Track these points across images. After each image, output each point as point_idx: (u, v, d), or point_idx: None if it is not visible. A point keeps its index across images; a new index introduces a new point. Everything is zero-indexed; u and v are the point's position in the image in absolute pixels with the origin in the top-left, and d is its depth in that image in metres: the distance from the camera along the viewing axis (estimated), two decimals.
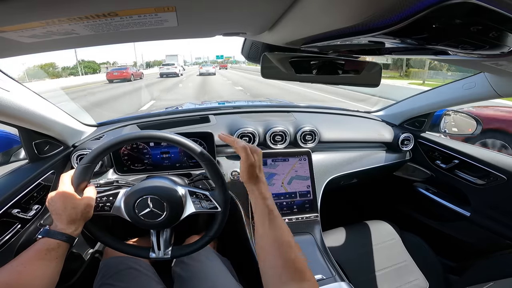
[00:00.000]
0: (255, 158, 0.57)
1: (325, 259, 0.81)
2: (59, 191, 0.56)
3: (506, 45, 0.27)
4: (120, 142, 0.60)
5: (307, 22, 0.36)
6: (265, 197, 0.55)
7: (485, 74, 0.86)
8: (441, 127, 1.21)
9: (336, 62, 0.54)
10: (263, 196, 0.55)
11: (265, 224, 0.52)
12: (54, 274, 0.51)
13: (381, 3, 0.25)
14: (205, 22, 0.38)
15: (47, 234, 0.52)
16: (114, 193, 0.65)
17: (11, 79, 0.62)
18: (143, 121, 1.08)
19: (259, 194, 0.56)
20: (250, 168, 0.56)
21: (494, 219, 1.00)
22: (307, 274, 0.46)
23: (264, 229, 0.52)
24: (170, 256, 0.67)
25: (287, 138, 1.05)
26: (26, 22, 0.28)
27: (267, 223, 0.52)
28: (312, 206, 0.97)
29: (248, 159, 0.56)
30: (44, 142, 0.79)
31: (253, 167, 0.56)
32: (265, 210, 0.54)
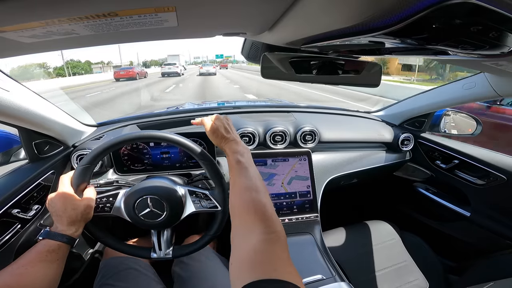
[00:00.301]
0: (216, 123, 0.63)
1: (325, 259, 0.81)
2: (59, 193, 0.56)
3: (506, 45, 0.27)
4: (119, 143, 0.60)
5: (307, 22, 0.36)
6: (235, 151, 0.58)
7: (485, 74, 0.86)
8: (441, 127, 1.21)
9: (336, 62, 0.54)
10: (233, 151, 0.58)
11: (234, 176, 0.53)
12: (55, 275, 0.51)
13: (381, 3, 0.25)
14: (205, 22, 0.38)
15: (48, 235, 0.53)
16: (114, 194, 0.65)
17: (11, 79, 0.62)
18: (143, 121, 1.08)
19: (229, 150, 0.59)
20: (215, 131, 0.62)
21: (494, 219, 1.00)
22: (270, 220, 0.41)
23: (234, 179, 0.53)
24: (171, 256, 0.67)
25: (287, 138, 1.05)
26: (26, 22, 0.28)
27: (236, 174, 0.53)
28: (312, 206, 0.96)
29: (210, 124, 0.63)
30: (44, 142, 0.79)
31: (217, 129, 0.62)
32: (233, 163, 0.55)
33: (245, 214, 0.44)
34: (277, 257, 0.36)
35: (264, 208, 0.44)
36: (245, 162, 0.55)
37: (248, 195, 0.47)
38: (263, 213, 0.42)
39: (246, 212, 0.44)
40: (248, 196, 0.47)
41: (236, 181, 0.52)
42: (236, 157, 0.56)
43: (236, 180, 0.52)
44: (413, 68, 18.77)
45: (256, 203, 0.45)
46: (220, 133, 0.62)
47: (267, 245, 0.37)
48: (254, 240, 0.38)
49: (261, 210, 0.43)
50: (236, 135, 0.64)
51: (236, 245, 0.40)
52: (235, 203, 0.48)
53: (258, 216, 0.42)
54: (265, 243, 0.38)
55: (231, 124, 0.67)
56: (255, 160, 0.95)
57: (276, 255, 0.36)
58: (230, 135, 0.62)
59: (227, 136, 0.62)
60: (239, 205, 0.47)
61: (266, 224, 0.40)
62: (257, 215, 0.42)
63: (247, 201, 0.46)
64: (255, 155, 0.96)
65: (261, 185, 0.50)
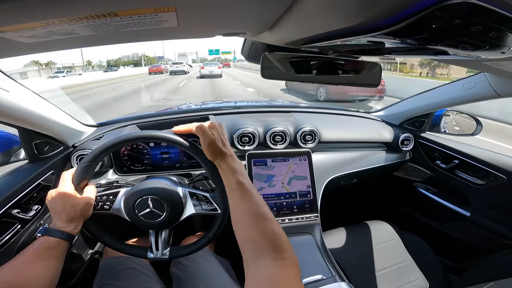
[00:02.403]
0: (213, 133, 0.56)
1: (325, 259, 0.81)
2: (59, 189, 0.56)
3: (506, 45, 0.27)
4: (122, 142, 0.60)
5: (307, 22, 0.36)
6: (234, 170, 0.53)
7: (485, 74, 0.86)
8: (441, 127, 1.21)
9: (336, 62, 0.54)
10: (232, 170, 0.53)
11: (236, 198, 0.50)
12: (55, 272, 0.51)
13: (381, 3, 0.25)
14: (205, 22, 0.38)
15: (47, 232, 0.52)
16: (114, 193, 0.65)
17: (11, 79, 0.62)
18: (143, 121, 1.08)
19: (226, 168, 0.54)
20: (212, 145, 0.55)
21: (494, 219, 1.00)
22: (284, 246, 0.43)
23: (236, 203, 0.50)
24: (168, 257, 0.67)
25: (287, 138, 1.05)
26: (26, 22, 0.28)
27: (237, 196, 0.50)
28: (312, 206, 0.96)
29: (207, 136, 0.55)
30: (44, 142, 0.79)
31: (214, 143, 0.55)
32: (233, 184, 0.52)
33: (258, 243, 0.43)
34: (295, 280, 0.38)
35: (277, 237, 0.44)
36: (247, 184, 0.52)
37: (259, 225, 0.46)
38: (276, 241, 0.43)
39: (259, 242, 0.43)
40: (259, 225, 0.46)
41: (239, 206, 0.50)
42: (236, 177, 0.52)
43: (240, 206, 0.49)
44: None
45: (269, 232, 0.44)
46: (217, 147, 0.55)
47: (284, 270, 0.39)
48: (269, 266, 0.40)
49: (274, 239, 0.43)
50: (230, 148, 0.58)
51: (251, 274, 0.41)
52: (244, 233, 0.47)
53: (272, 246, 0.42)
54: (282, 268, 0.39)
55: (225, 134, 0.61)
56: (255, 161, 0.97)
57: (294, 278, 0.38)
58: (227, 149, 0.57)
59: (224, 151, 0.56)
60: (249, 235, 0.45)
61: (280, 251, 0.41)
62: (271, 244, 0.42)
63: (259, 231, 0.45)
64: (255, 155, 0.96)
65: (268, 211, 0.49)
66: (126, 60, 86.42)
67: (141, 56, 51.46)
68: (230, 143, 1.01)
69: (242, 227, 0.48)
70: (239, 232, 0.48)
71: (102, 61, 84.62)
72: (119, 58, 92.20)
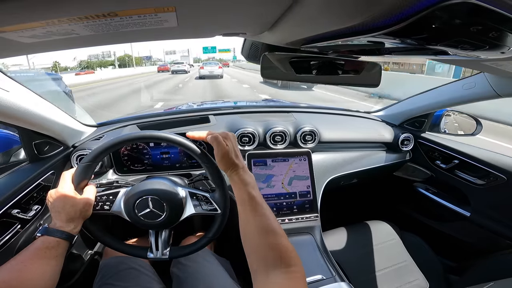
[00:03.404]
0: (227, 144, 0.56)
1: (325, 259, 0.81)
2: (59, 189, 0.56)
3: (506, 45, 0.27)
4: (122, 142, 0.60)
5: (307, 22, 0.36)
6: (246, 183, 0.53)
7: (485, 74, 0.86)
8: (441, 127, 1.21)
9: (336, 62, 0.54)
10: (244, 182, 0.53)
11: (247, 211, 0.50)
12: (55, 272, 0.51)
13: (381, 3, 0.25)
14: (205, 22, 0.38)
15: (46, 232, 0.52)
16: (114, 193, 0.65)
17: (11, 79, 0.62)
18: (143, 121, 1.08)
19: (239, 180, 0.54)
20: (225, 156, 0.55)
21: (494, 219, 1.00)
22: (293, 260, 0.44)
23: (247, 216, 0.50)
24: (168, 257, 0.67)
25: (287, 138, 1.05)
26: (26, 22, 0.28)
27: (248, 209, 0.50)
28: (312, 206, 0.96)
29: (221, 147, 0.55)
30: (44, 143, 0.79)
31: (227, 154, 0.55)
32: (245, 197, 0.51)
33: (268, 258, 0.44)
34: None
35: (287, 251, 0.44)
36: (257, 197, 0.52)
37: (269, 239, 0.46)
38: (286, 256, 0.44)
39: (269, 256, 0.44)
40: (269, 240, 0.46)
41: (250, 219, 0.49)
42: (248, 190, 0.52)
43: (251, 219, 0.49)
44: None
45: (279, 247, 0.45)
46: (231, 159, 0.55)
47: (293, 282, 0.41)
48: (279, 279, 0.41)
49: (284, 253, 0.44)
50: (242, 160, 0.58)
51: (260, 286, 0.42)
52: (254, 246, 0.47)
53: (281, 260, 0.43)
54: (291, 281, 0.41)
55: (237, 146, 0.61)
56: (255, 161, 0.96)
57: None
58: (239, 161, 0.56)
59: (236, 163, 0.56)
60: (259, 249, 0.46)
61: (289, 265, 0.43)
62: (281, 258, 0.43)
63: (269, 246, 0.45)
64: (255, 155, 0.96)
65: (278, 225, 0.49)
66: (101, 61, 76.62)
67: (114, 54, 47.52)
68: None
69: (252, 240, 0.48)
70: (248, 244, 0.48)
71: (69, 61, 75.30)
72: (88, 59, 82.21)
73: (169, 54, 71.24)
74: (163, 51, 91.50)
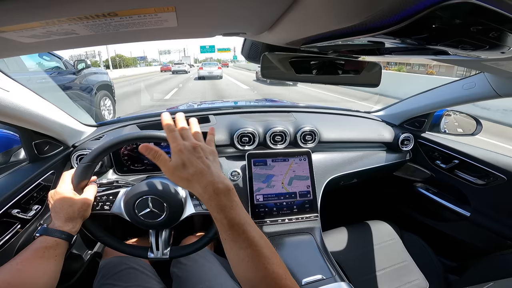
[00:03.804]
0: (175, 160, 0.44)
1: (325, 259, 0.81)
2: (58, 189, 0.57)
3: (506, 45, 0.27)
4: (122, 142, 0.60)
5: (307, 22, 0.36)
6: (221, 208, 0.41)
7: (485, 74, 0.86)
8: (441, 127, 1.21)
9: (336, 62, 0.54)
10: (218, 208, 0.42)
11: (229, 242, 0.42)
12: (54, 272, 0.51)
13: (381, 3, 0.25)
14: (205, 22, 0.38)
15: (45, 232, 0.53)
16: (114, 193, 0.65)
17: (11, 79, 0.62)
18: (143, 121, 1.08)
19: (209, 207, 0.43)
20: (174, 172, 0.44)
21: (494, 219, 1.00)
22: (288, 286, 0.39)
23: (231, 247, 0.41)
24: (168, 257, 0.67)
25: (287, 138, 1.05)
26: (26, 22, 0.28)
27: (232, 240, 0.41)
28: (312, 206, 0.97)
29: (165, 164, 0.45)
30: (44, 142, 0.79)
31: (176, 169, 0.44)
32: (224, 222, 0.41)
33: (258, 283, 0.40)
34: None
35: (281, 279, 0.40)
36: (243, 223, 0.41)
37: (259, 269, 0.39)
38: (280, 284, 0.39)
39: (260, 283, 0.39)
40: (259, 270, 0.40)
41: (235, 251, 0.41)
42: (226, 215, 0.41)
43: (235, 250, 0.41)
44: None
45: (271, 276, 0.39)
46: (182, 174, 0.43)
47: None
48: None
49: (277, 283, 0.39)
50: (214, 169, 0.45)
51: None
52: (244, 277, 0.41)
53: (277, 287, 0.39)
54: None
55: (204, 147, 0.47)
56: (255, 161, 0.96)
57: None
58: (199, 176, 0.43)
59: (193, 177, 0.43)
60: (250, 280, 0.40)
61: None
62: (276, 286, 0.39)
63: (261, 277, 0.39)
64: (255, 155, 0.96)
65: (269, 250, 0.42)
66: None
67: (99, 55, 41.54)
68: (230, 143, 1.02)
69: (241, 271, 0.41)
70: (238, 275, 0.42)
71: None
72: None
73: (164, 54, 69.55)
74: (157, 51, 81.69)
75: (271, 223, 0.92)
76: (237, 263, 0.42)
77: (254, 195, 0.93)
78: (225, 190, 0.43)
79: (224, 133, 1.03)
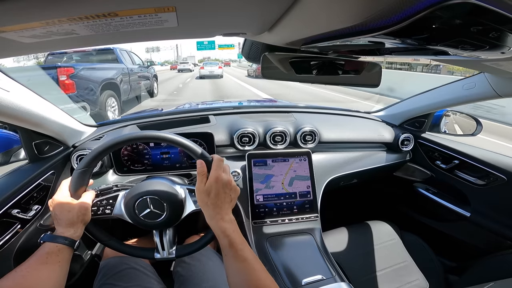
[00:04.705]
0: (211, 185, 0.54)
1: (325, 259, 0.81)
2: (55, 197, 0.59)
3: (506, 45, 0.27)
4: (115, 144, 0.60)
5: (307, 22, 0.36)
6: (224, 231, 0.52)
7: (485, 74, 0.86)
8: (441, 127, 1.21)
9: (336, 63, 0.54)
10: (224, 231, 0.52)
11: (228, 257, 0.51)
12: (58, 277, 0.51)
13: (381, 3, 0.25)
14: (205, 22, 0.38)
15: (47, 238, 0.54)
16: (114, 196, 0.65)
17: (11, 79, 0.62)
18: (143, 121, 1.08)
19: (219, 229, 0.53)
20: (201, 194, 0.55)
21: (494, 219, 1.00)
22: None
23: (229, 263, 0.51)
24: (175, 256, 0.67)
25: (287, 138, 1.05)
26: (26, 22, 0.28)
27: (230, 255, 0.51)
28: (312, 206, 0.96)
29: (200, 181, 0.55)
30: (44, 142, 0.79)
31: (202, 192, 0.54)
32: (225, 243, 0.51)
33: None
34: None
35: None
36: (239, 243, 0.51)
37: (254, 281, 0.48)
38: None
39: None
40: (254, 281, 0.48)
41: (233, 267, 0.50)
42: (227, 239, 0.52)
43: (233, 266, 0.50)
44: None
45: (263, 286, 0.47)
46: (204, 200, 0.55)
47: None
48: None
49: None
50: (229, 205, 0.56)
51: None
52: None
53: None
54: None
55: (234, 186, 0.57)
56: (255, 161, 0.97)
57: None
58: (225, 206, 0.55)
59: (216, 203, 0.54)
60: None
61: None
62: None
63: (255, 286, 0.47)
64: (255, 155, 0.96)
65: (261, 266, 0.51)
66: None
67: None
68: (230, 143, 1.02)
69: (236, 282, 0.50)
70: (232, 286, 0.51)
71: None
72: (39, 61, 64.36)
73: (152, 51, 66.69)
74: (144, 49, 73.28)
75: (271, 223, 0.92)
76: (232, 275, 0.50)
77: (254, 195, 0.93)
78: (229, 220, 0.54)
79: (224, 133, 1.03)
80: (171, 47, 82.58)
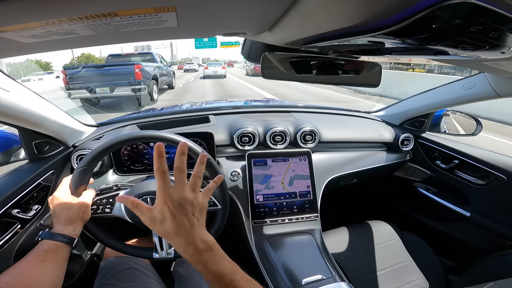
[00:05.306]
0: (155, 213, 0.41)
1: (325, 259, 0.81)
2: (55, 194, 0.59)
3: (506, 45, 0.27)
4: (116, 144, 0.60)
5: (307, 22, 0.36)
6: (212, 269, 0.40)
7: (485, 74, 0.86)
8: (441, 127, 1.21)
9: (336, 62, 0.54)
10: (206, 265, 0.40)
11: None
12: (56, 275, 0.51)
13: (381, 3, 0.25)
14: (205, 22, 0.38)
15: (46, 236, 0.54)
16: (114, 195, 0.65)
17: (11, 79, 0.62)
18: (143, 121, 1.08)
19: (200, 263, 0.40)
20: (151, 225, 0.42)
21: (494, 219, 1.00)
22: None
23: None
24: (173, 256, 0.67)
25: (287, 138, 1.05)
26: (26, 22, 0.28)
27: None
28: (312, 206, 0.96)
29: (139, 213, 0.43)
30: (44, 142, 0.79)
31: (152, 222, 0.42)
32: (210, 278, 0.40)
33: None
34: None
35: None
36: (229, 273, 0.40)
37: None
38: None
39: None
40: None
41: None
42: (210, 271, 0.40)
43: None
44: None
45: None
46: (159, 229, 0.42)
47: None
48: None
49: None
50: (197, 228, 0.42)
51: None
52: None
53: None
54: None
55: (194, 203, 0.43)
56: (255, 161, 0.96)
57: None
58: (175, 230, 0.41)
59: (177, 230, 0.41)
60: None
61: None
62: None
63: None
64: (255, 155, 0.96)
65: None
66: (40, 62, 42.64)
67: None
68: (230, 143, 1.02)
69: None
70: None
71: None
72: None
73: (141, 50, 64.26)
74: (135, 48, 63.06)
75: (271, 223, 0.92)
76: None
77: (254, 195, 0.93)
78: (206, 247, 0.41)
79: (224, 133, 1.03)
80: (164, 46, 76.38)
